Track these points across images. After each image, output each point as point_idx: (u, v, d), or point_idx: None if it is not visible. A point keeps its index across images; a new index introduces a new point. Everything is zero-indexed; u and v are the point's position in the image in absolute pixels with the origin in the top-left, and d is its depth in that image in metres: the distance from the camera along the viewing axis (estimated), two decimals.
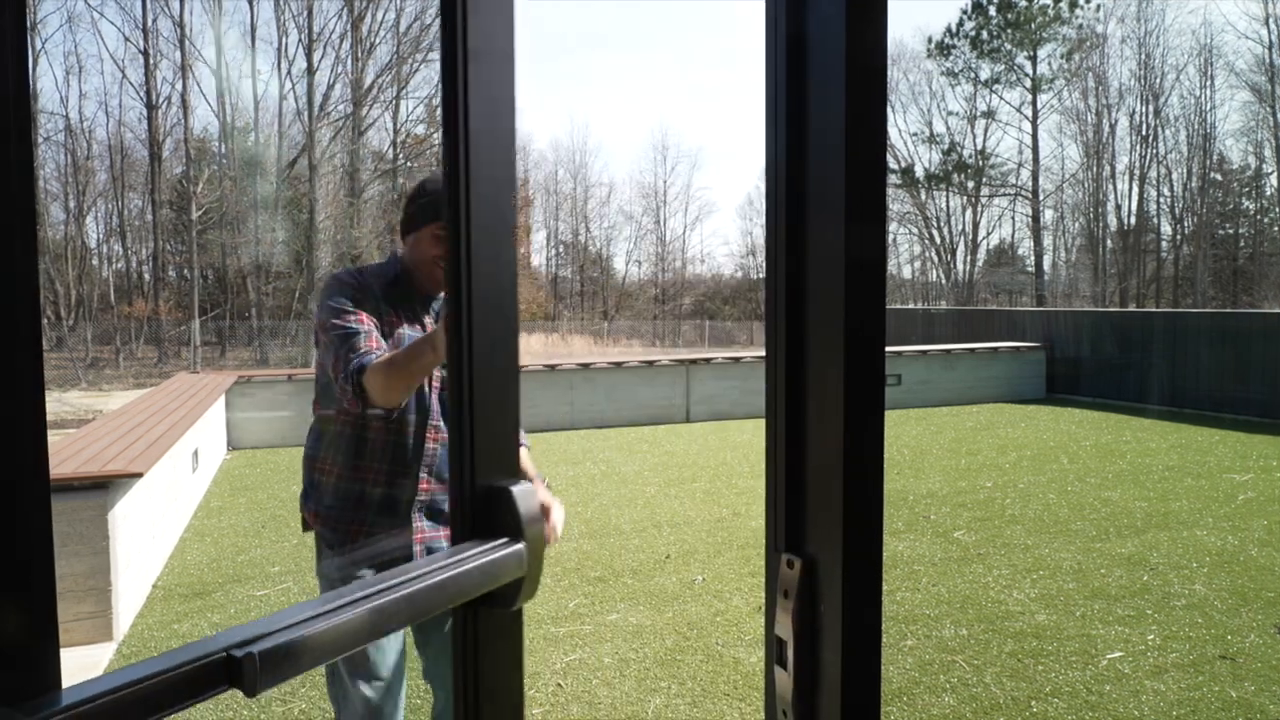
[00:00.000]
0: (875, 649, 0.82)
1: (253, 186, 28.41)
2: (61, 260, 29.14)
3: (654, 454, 8.72)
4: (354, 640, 0.67)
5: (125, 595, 4.19)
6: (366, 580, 0.69)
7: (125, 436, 5.21)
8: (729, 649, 3.81)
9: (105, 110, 38.24)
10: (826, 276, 0.77)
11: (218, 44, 27.90)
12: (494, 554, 0.79)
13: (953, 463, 8.06)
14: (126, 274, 32.87)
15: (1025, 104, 38.55)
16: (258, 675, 0.58)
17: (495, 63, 0.87)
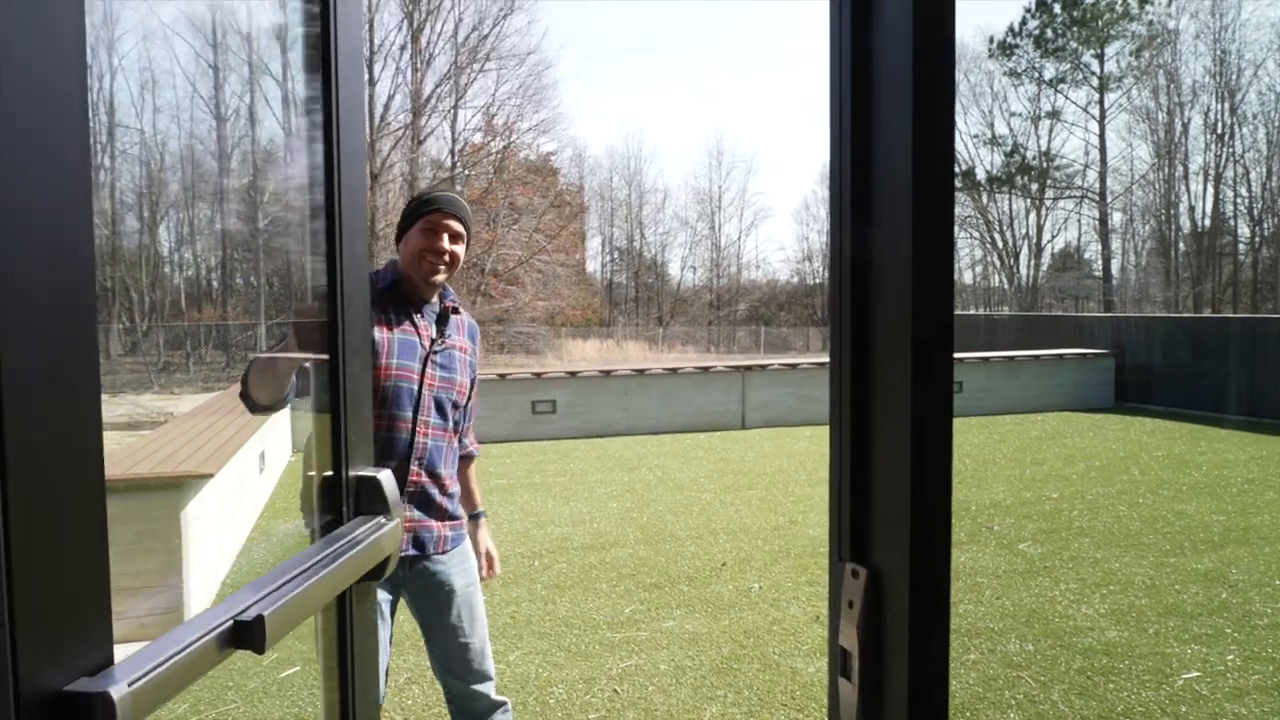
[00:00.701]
0: (943, 662, 0.80)
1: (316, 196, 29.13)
2: (136, 268, 30.28)
3: (709, 460, 8.69)
4: (324, 597, 0.79)
5: (196, 592, 4.32)
6: (309, 552, 0.80)
7: (196, 438, 5.38)
8: (786, 658, 3.77)
9: (177, 123, 39.70)
10: (893, 282, 0.75)
11: (284, 57, 28.72)
12: (383, 529, 0.95)
13: (1017, 472, 7.85)
14: (196, 281, 34.02)
15: (1092, 103, 37.51)
16: (265, 636, 0.68)
17: (354, 70, 0.94)
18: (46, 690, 0.51)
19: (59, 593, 0.53)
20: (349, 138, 0.95)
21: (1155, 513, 6.22)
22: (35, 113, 0.51)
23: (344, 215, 0.95)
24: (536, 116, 31.54)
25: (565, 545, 5.57)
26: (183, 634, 0.62)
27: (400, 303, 2.19)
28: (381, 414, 2.10)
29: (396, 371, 2.12)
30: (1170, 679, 3.51)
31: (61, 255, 0.52)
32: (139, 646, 0.59)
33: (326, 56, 0.91)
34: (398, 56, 29.24)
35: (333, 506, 0.95)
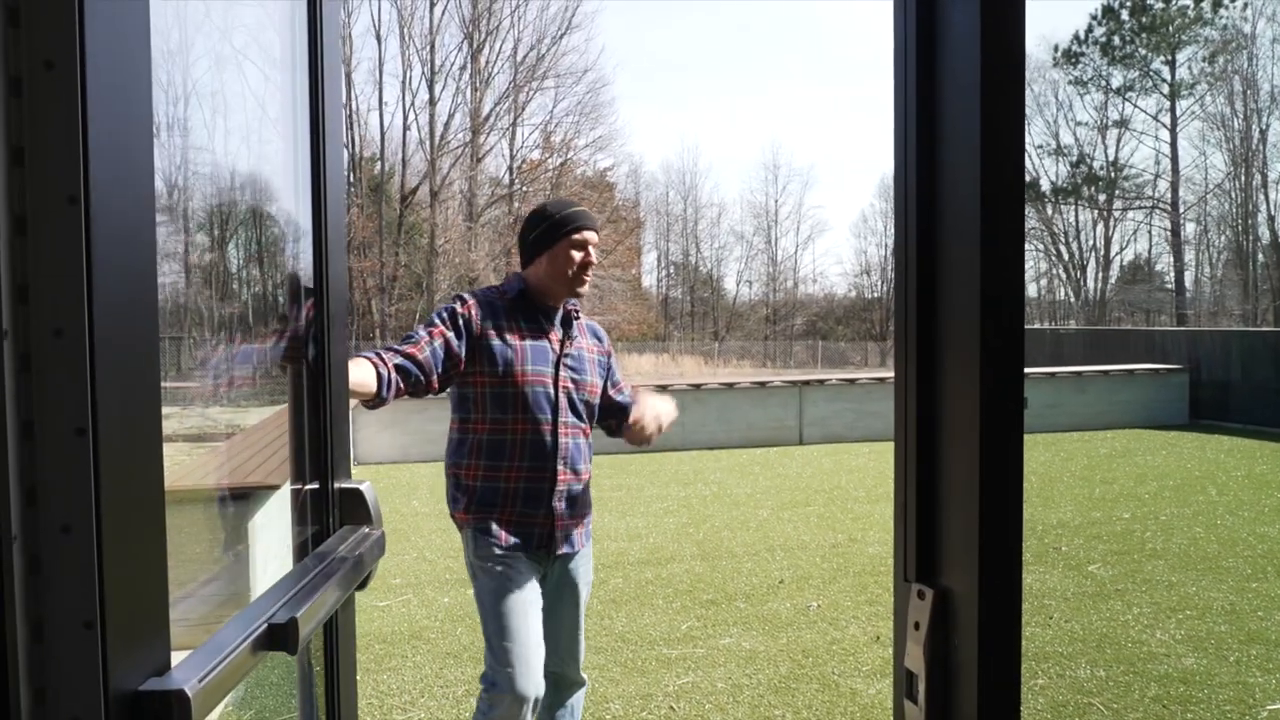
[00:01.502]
0: (1014, 686, 0.77)
1: (378, 213, 29.83)
2: (206, 285, 31.33)
3: (766, 476, 8.61)
4: (336, 602, 0.83)
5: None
6: (309, 562, 0.84)
7: (263, 450, 5.53)
8: (845, 679, 3.71)
9: (246, 144, 41.06)
10: (961, 297, 0.74)
11: (348, 79, 29.55)
12: (369, 539, 0.98)
13: (1085, 491, 7.61)
14: (263, 297, 35.06)
15: (1163, 111, 36.40)
16: (298, 637, 0.72)
17: (335, 85, 0.97)
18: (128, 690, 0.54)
19: (134, 600, 0.56)
20: (331, 165, 0.99)
21: (1235, 535, 5.96)
22: (106, 137, 0.53)
23: (329, 235, 0.98)
24: (593, 133, 31.88)
25: (621, 560, 5.57)
26: (223, 638, 0.66)
27: (530, 312, 2.31)
28: (522, 419, 2.21)
29: (532, 377, 2.22)
30: (1254, 709, 3.35)
31: (128, 276, 0.54)
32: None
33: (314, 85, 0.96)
34: (458, 76, 29.87)
35: (318, 518, 0.98)
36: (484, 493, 2.22)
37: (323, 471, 0.98)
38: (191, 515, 4.14)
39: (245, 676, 0.66)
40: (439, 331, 2.19)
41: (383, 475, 8.81)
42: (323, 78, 0.95)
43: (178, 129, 1.04)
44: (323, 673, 0.99)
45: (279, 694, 1.37)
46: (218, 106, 1.13)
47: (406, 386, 2.12)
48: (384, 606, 4.72)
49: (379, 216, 29.78)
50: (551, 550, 2.26)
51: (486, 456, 2.22)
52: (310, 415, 0.97)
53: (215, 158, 1.22)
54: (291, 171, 1.01)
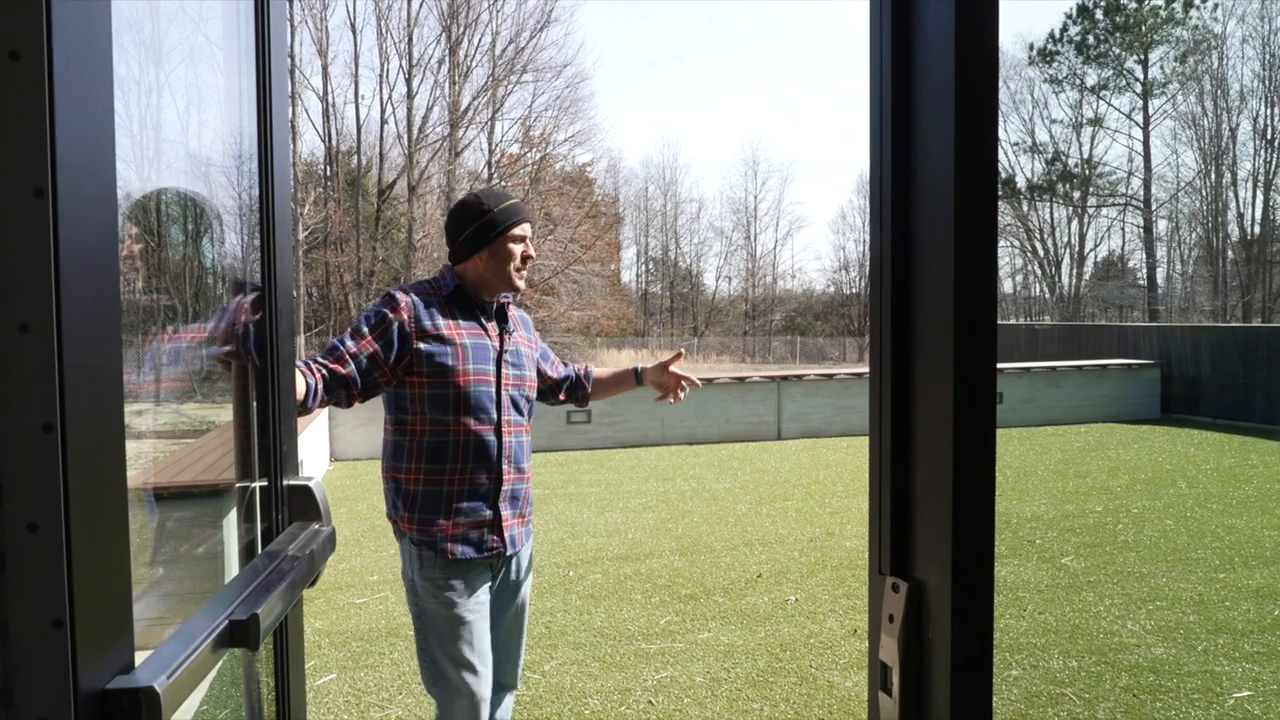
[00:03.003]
0: (986, 678, 0.78)
1: (355, 207, 29.60)
2: (181, 280, 30.93)
3: (745, 471, 8.64)
4: (292, 595, 0.83)
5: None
6: (272, 550, 0.84)
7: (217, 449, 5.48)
8: (823, 672, 3.73)
9: (225, 139, 40.50)
10: (935, 292, 0.75)
11: (324, 72, 29.26)
12: (320, 535, 0.98)
13: (1059, 485, 7.71)
14: (209, 295, 34.66)
15: (1135, 110, 36.85)
16: (260, 633, 0.72)
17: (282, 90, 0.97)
18: (96, 689, 0.53)
19: (102, 599, 0.56)
20: (279, 162, 0.99)
21: (1204, 527, 6.06)
22: (73, 129, 0.52)
23: (275, 230, 0.98)
24: (573, 128, 31.76)
25: (600, 555, 5.57)
26: (185, 635, 0.66)
27: (467, 308, 2.24)
28: (464, 420, 2.15)
29: (475, 377, 2.16)
30: (1220, 698, 3.41)
31: (94, 270, 0.54)
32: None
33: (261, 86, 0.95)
34: (436, 70, 29.65)
35: (268, 515, 0.98)
36: (426, 497, 2.15)
37: (271, 468, 0.97)
38: (161, 514, 4.09)
39: (209, 673, 0.65)
40: (366, 342, 2.10)
41: (359, 471, 8.75)
42: (269, 71, 0.94)
43: (134, 122, 1.03)
44: (271, 671, 0.99)
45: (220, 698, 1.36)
46: (161, 99, 1.11)
47: (329, 399, 2.08)
48: (361, 604, 4.70)
49: (356, 211, 29.53)
50: (501, 553, 2.20)
51: (428, 460, 2.14)
52: (258, 412, 0.97)
53: (159, 151, 1.20)
54: (238, 167, 1.00)
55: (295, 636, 0.99)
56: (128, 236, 1.01)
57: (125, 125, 1.07)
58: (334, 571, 5.26)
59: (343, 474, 8.69)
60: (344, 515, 6.79)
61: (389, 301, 2.17)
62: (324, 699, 3.52)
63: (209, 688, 1.94)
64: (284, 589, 0.79)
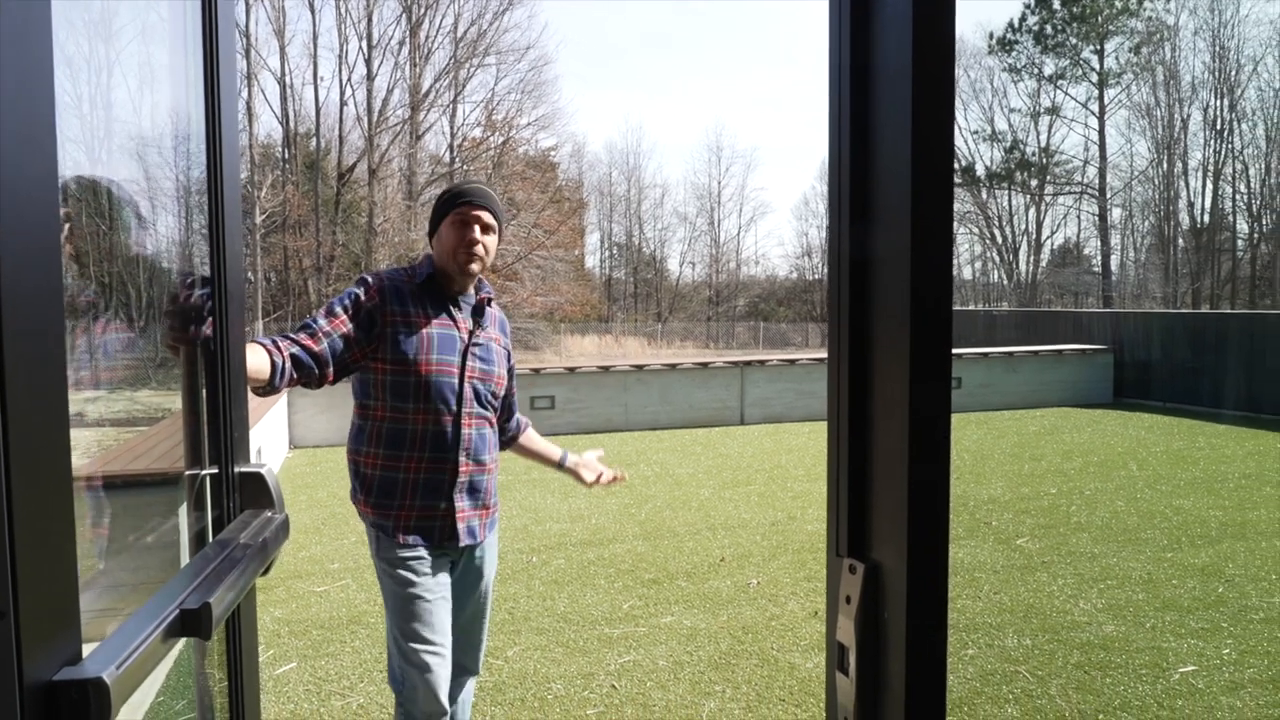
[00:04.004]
0: (940, 657, 0.80)
1: (314, 190, 29.11)
2: (133, 264, 30.22)
3: (708, 456, 8.70)
4: (244, 583, 0.82)
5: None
6: (224, 538, 0.82)
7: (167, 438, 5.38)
8: (784, 654, 3.78)
9: (173, 118, 39.55)
10: (892, 278, 0.75)
11: (281, 52, 28.65)
12: (273, 524, 0.98)
13: (1015, 468, 7.86)
14: (156, 276, 33.98)
15: (1091, 99, 37.51)
16: (212, 622, 0.71)
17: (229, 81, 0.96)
18: (42, 681, 0.52)
19: (46, 589, 0.54)
20: (227, 141, 0.97)
21: (1153, 508, 6.23)
22: (8, 113, 0.51)
23: (224, 209, 0.96)
24: (536, 112, 31.53)
25: (564, 541, 5.58)
26: (134, 626, 0.65)
27: (438, 297, 2.21)
28: (424, 408, 2.13)
29: (437, 366, 2.14)
30: (1166, 673, 3.52)
31: (34, 259, 0.52)
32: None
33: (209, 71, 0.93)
34: (396, 51, 29.20)
35: (219, 502, 0.97)
36: (383, 483, 2.15)
37: (222, 455, 0.95)
38: (114, 504, 4.01)
39: (159, 663, 0.64)
40: (340, 322, 2.09)
41: (320, 458, 8.65)
42: (217, 50, 0.92)
43: (72, 107, 1.00)
44: (225, 661, 0.97)
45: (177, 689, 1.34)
46: (107, 80, 1.08)
47: (300, 378, 2.04)
48: (322, 592, 4.65)
49: (315, 194, 29.04)
50: (454, 542, 2.19)
51: (386, 445, 2.14)
52: (208, 398, 0.95)
53: (103, 132, 1.17)
54: (184, 146, 0.98)
55: (248, 625, 0.98)
56: (70, 220, 0.98)
57: (74, 105, 1.04)
58: (294, 559, 5.20)
59: (303, 461, 8.58)
60: (304, 503, 6.71)
61: (362, 283, 2.18)
62: (284, 688, 3.48)
63: (164, 679, 1.91)
64: (236, 577, 0.78)
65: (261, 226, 28.65)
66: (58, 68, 0.56)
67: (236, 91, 0.98)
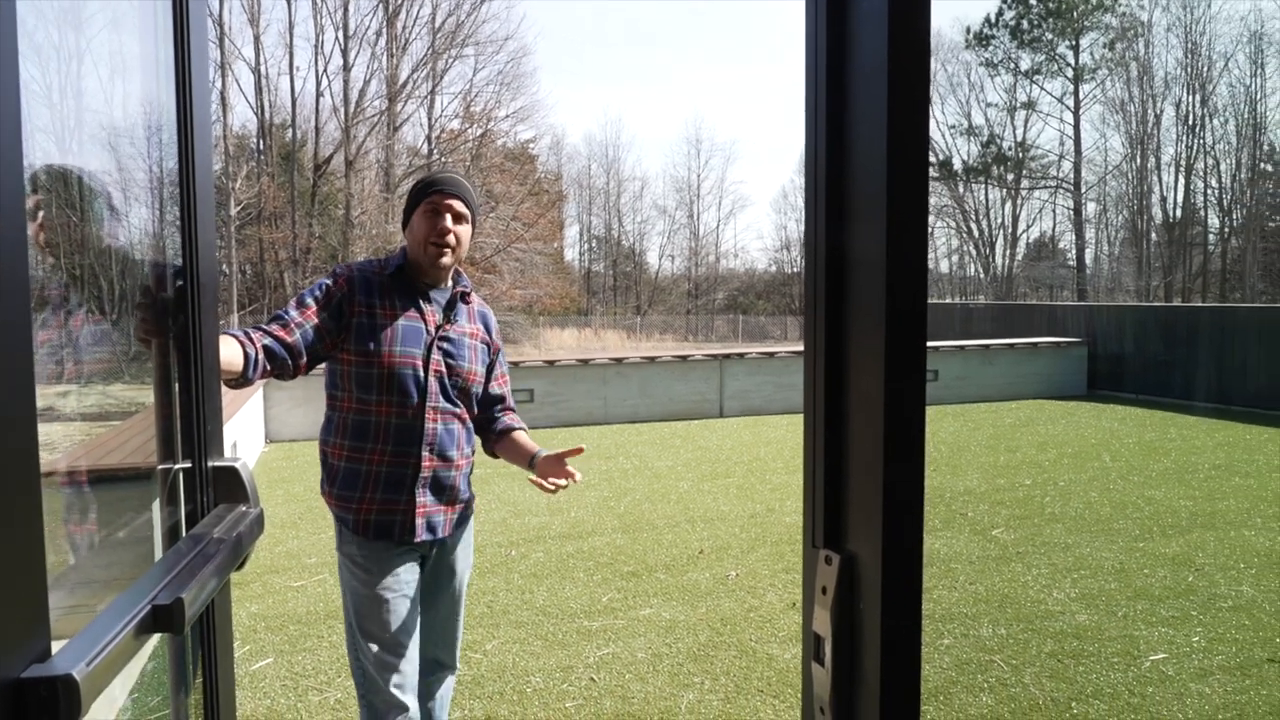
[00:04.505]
0: (915, 647, 0.81)
1: (290, 182, 28.81)
2: (107, 256, 29.79)
3: (687, 449, 8.72)
4: (219, 578, 0.82)
5: None
6: (197, 533, 0.82)
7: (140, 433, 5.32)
8: (762, 645, 3.80)
9: (145, 107, 38.97)
10: (867, 272, 0.76)
11: (256, 42, 28.30)
12: (247, 518, 0.97)
13: (991, 460, 7.95)
14: (128, 269, 33.54)
15: (1067, 94, 37.85)
16: (185, 618, 0.70)
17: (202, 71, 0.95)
18: (9, 679, 0.52)
19: (13, 586, 0.54)
20: (199, 131, 0.96)
21: (1125, 499, 6.33)
22: None
23: (196, 198, 0.95)
24: (514, 104, 31.36)
25: (543, 534, 5.58)
26: (104, 622, 0.64)
27: (407, 289, 2.19)
28: (387, 400, 2.11)
29: (400, 358, 2.12)
30: (1138, 661, 3.58)
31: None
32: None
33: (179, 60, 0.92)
34: (373, 42, 28.92)
35: (192, 497, 0.96)
36: (347, 474, 2.14)
37: (195, 449, 0.94)
38: (86, 499, 3.96)
39: (131, 660, 0.63)
40: (312, 313, 2.08)
41: (296, 453, 8.59)
42: (188, 38, 0.91)
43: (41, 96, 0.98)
44: (200, 657, 0.96)
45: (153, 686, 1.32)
46: (77, 69, 1.06)
47: (273, 369, 2.02)
48: (299, 587, 4.62)
49: (291, 186, 28.75)
50: (414, 539, 2.16)
51: (351, 437, 2.13)
52: (181, 392, 0.93)
53: (74, 122, 1.15)
54: (156, 136, 0.97)
55: (223, 621, 0.97)
56: (40, 209, 0.97)
57: (44, 95, 1.03)
58: (270, 555, 5.17)
59: (279, 455, 8.51)
60: (280, 497, 6.66)
61: (332, 275, 2.18)
62: (260, 684, 3.46)
63: (139, 676, 1.89)
64: (210, 572, 0.77)
65: (236, 218, 28.32)
66: (26, 57, 0.55)
67: (209, 81, 0.96)
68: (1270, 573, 4.64)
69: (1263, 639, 3.78)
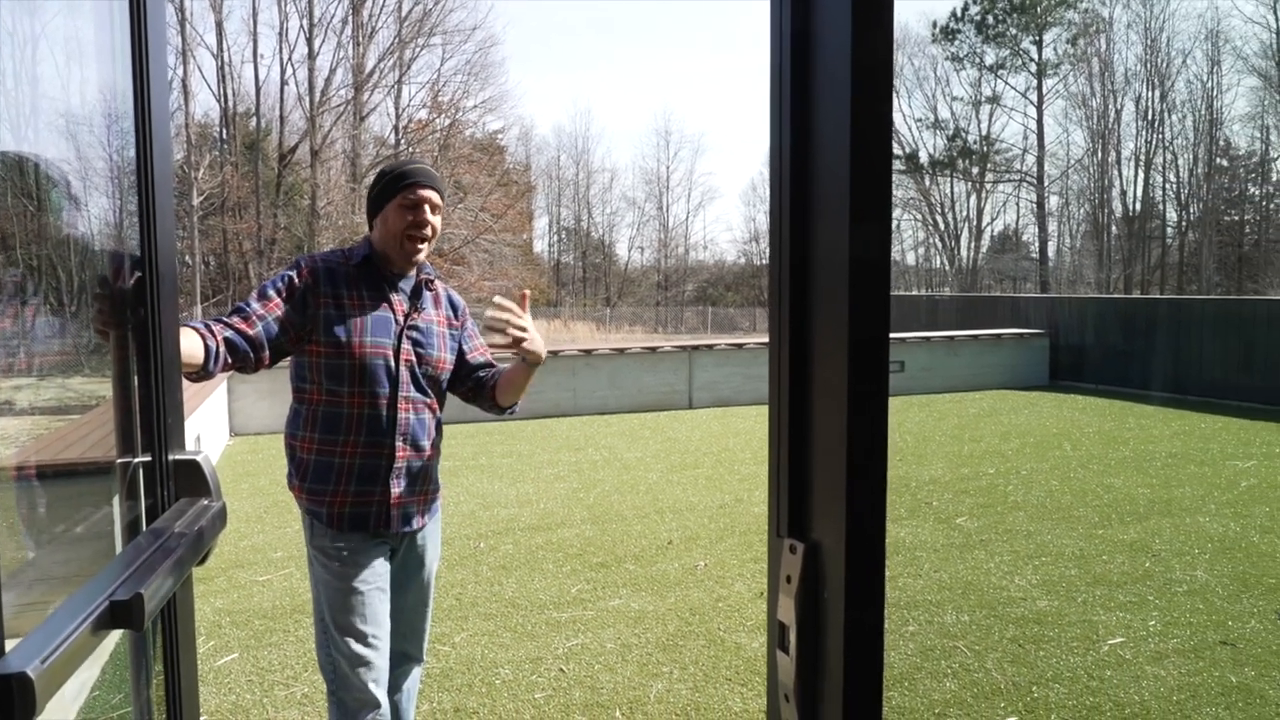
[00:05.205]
0: (877, 634, 0.82)
1: (254, 172, 28.35)
2: (64, 246, 29.12)
3: (656, 440, 8.74)
4: (179, 573, 0.81)
5: None
6: (157, 528, 0.80)
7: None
8: (731, 634, 3.83)
9: (102, 94, 38.10)
10: (831, 267, 0.77)
11: (218, 28, 27.77)
12: (210, 512, 0.96)
13: (955, 449, 8.06)
14: (84, 257, 32.88)
15: (1031, 89, 38.36)
16: (144, 614, 0.69)
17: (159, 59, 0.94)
18: None
19: None
20: (158, 122, 0.94)
21: (1085, 487, 6.45)
22: None
23: (155, 186, 0.93)
24: (483, 94, 31.14)
25: (512, 526, 5.57)
26: (61, 618, 0.63)
27: (373, 279, 2.16)
28: (359, 391, 2.09)
29: (370, 349, 2.10)
30: (1096, 645, 3.66)
31: None
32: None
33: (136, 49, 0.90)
34: (339, 30, 28.52)
35: (152, 491, 0.94)
36: (318, 468, 2.11)
37: (156, 442, 0.92)
38: (45, 494, 3.88)
39: (89, 657, 0.62)
40: (274, 305, 2.05)
41: (261, 446, 8.48)
42: (145, 18, 0.89)
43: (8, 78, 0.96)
44: (161, 654, 0.95)
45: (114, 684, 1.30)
46: (32, 54, 1.04)
47: (235, 362, 1.99)
48: (264, 581, 4.57)
49: (255, 176, 28.29)
50: (390, 529, 2.15)
51: (321, 430, 2.11)
52: (140, 384, 0.91)
53: (29, 109, 1.13)
54: (114, 124, 0.95)
55: (185, 616, 0.95)
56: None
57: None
58: (235, 549, 5.10)
59: (244, 449, 8.40)
60: (245, 491, 6.57)
61: (295, 265, 2.15)
62: (225, 679, 3.42)
63: (99, 673, 1.86)
64: (170, 567, 0.76)
65: (199, 208, 27.81)
66: None
67: (167, 67, 0.94)
68: (1223, 558, 4.77)
69: (1215, 622, 3.88)
